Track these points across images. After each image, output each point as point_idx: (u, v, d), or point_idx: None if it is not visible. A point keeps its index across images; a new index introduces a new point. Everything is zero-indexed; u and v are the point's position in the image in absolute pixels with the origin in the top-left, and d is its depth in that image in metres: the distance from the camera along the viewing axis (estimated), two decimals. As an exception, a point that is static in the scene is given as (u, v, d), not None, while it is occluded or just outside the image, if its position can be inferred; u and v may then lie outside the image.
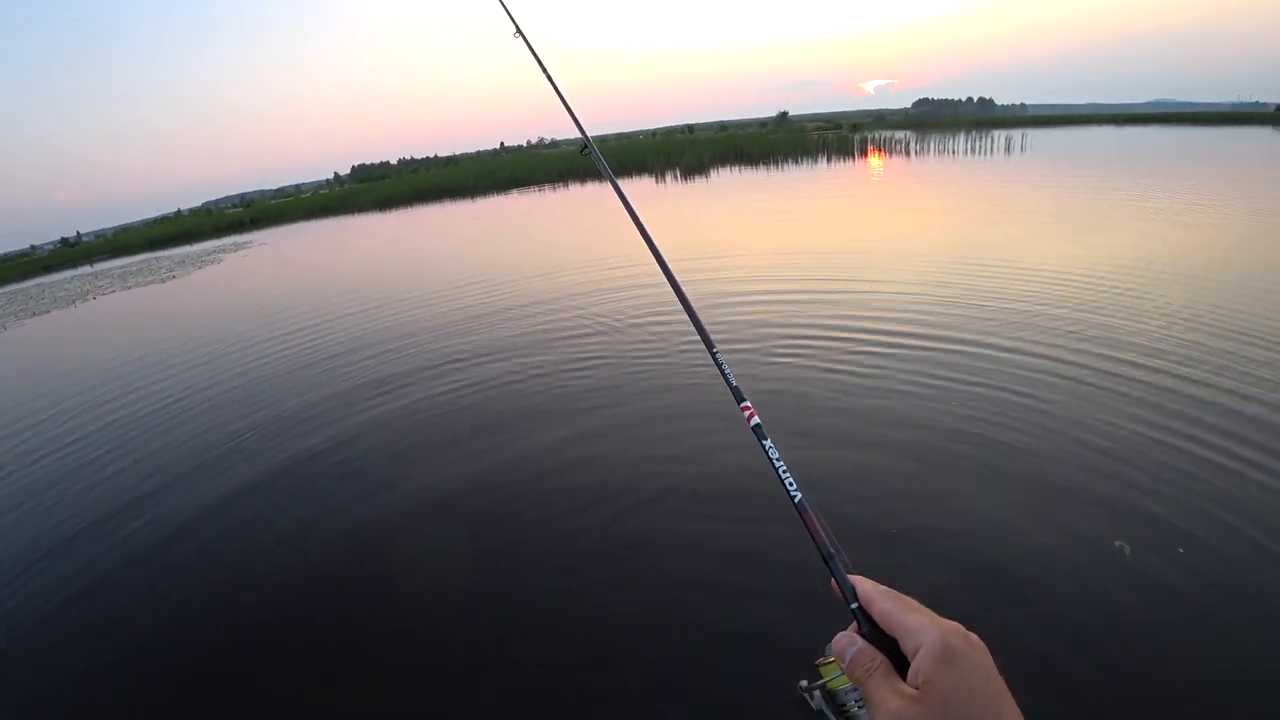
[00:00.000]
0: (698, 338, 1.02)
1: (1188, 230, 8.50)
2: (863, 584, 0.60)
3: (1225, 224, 8.74)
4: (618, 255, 10.30)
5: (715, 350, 0.98)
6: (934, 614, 0.55)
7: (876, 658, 0.55)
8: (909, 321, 5.63)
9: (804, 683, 0.62)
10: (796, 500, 0.73)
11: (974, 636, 0.53)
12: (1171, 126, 35.58)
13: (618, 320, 6.77)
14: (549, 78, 1.84)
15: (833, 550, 0.66)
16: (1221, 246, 7.56)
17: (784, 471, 0.76)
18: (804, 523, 0.70)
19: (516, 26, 1.95)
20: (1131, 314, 5.38)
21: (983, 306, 5.86)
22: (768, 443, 0.79)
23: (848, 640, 0.58)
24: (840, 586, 0.62)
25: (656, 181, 24.80)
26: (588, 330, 6.59)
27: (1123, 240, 8.13)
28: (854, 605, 0.60)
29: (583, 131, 1.69)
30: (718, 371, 0.94)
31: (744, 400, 0.88)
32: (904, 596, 0.58)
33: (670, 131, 72.32)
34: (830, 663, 0.60)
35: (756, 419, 0.83)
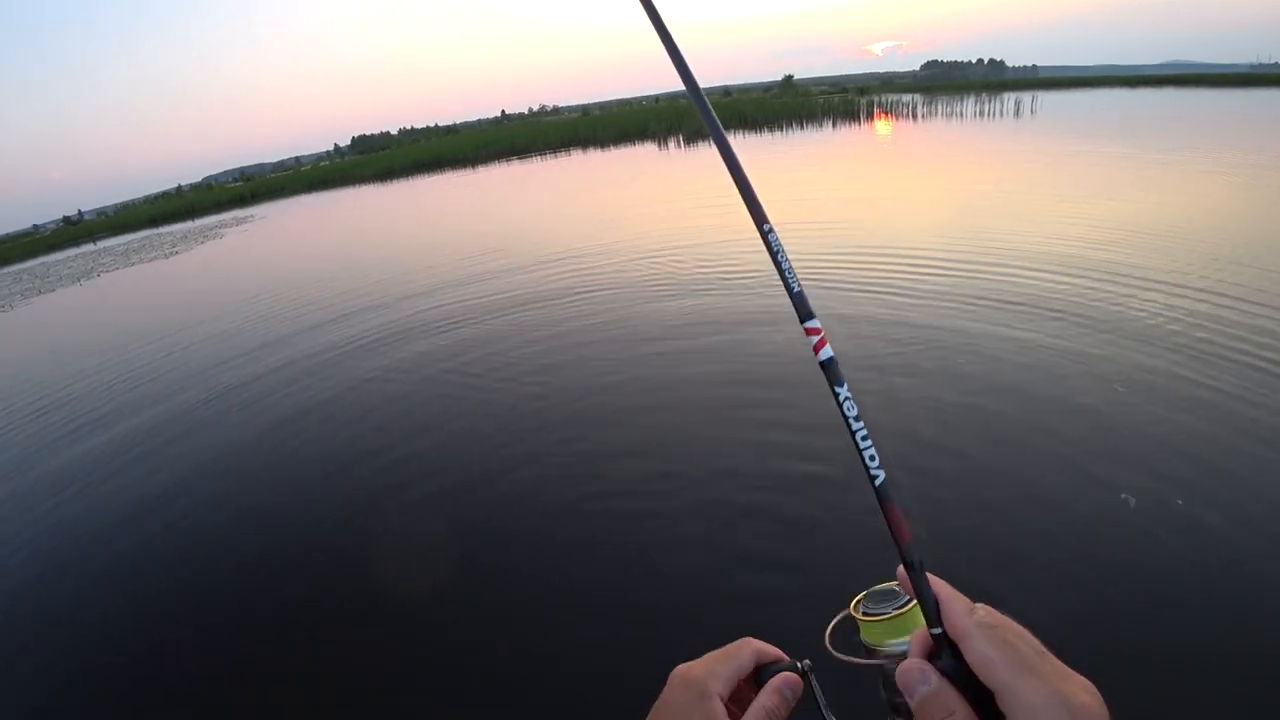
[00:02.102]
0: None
1: (1205, 191, 8.35)
2: (954, 604, 0.46)
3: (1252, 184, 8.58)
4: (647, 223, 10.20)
5: (767, 227, 0.56)
6: (1056, 672, 0.41)
7: (956, 710, 0.43)
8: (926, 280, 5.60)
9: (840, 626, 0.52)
10: (878, 483, 0.52)
11: (1106, 715, 0.39)
12: (1187, 89, 34.73)
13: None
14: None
15: (920, 557, 0.49)
16: (1250, 207, 7.43)
17: (863, 438, 0.52)
18: (885, 514, 0.51)
19: None
20: (1153, 271, 5.32)
21: (1002, 264, 5.79)
22: (842, 390, 0.53)
23: (919, 674, 0.45)
24: (923, 602, 0.47)
25: (659, 148, 24.50)
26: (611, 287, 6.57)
27: (1136, 203, 7.98)
28: (937, 630, 0.46)
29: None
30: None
31: (811, 319, 0.55)
32: (1013, 640, 0.42)
33: (674, 97, 71.15)
34: (879, 620, 0.50)
35: (828, 350, 0.54)
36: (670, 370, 4.71)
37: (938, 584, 0.48)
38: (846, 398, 0.53)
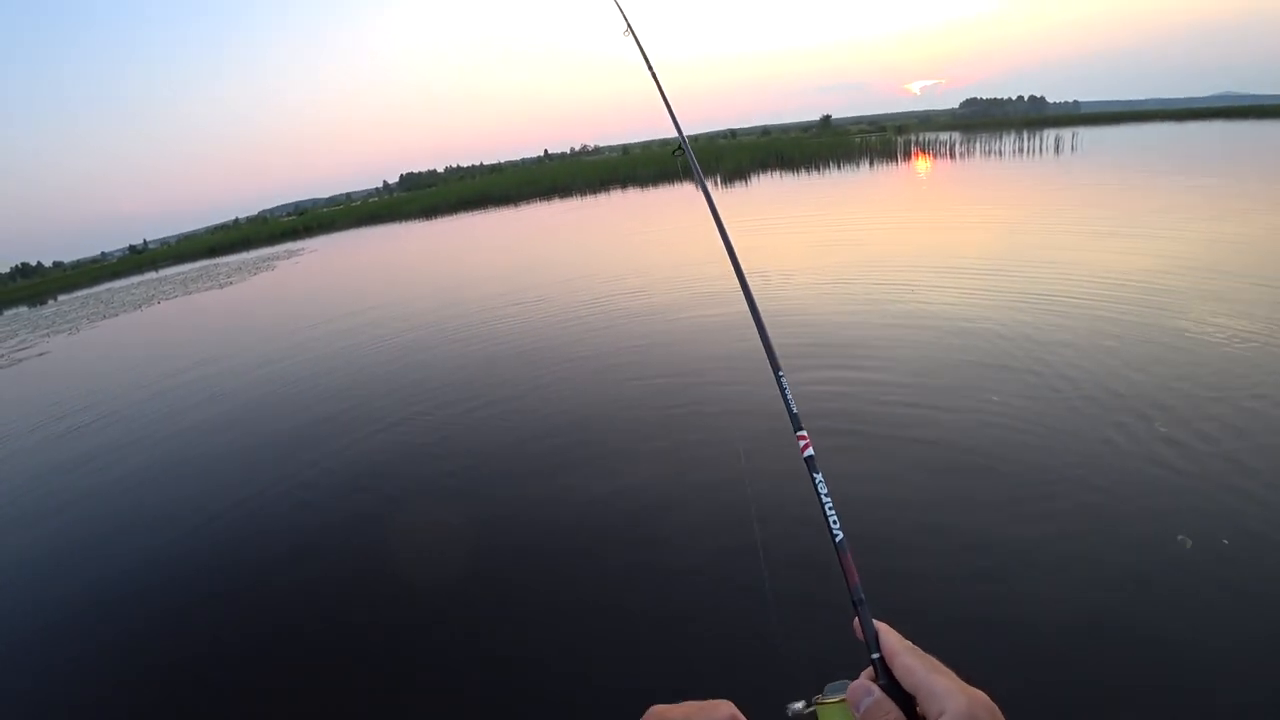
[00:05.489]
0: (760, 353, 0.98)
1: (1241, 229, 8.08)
2: (888, 634, 0.59)
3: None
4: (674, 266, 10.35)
5: (780, 373, 0.92)
6: (959, 679, 0.53)
7: (892, 712, 0.54)
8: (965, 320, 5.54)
9: (795, 706, 0.61)
10: (838, 540, 0.70)
11: (997, 709, 0.51)
12: (1237, 121, 33.86)
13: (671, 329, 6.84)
14: (653, 74, 1.82)
15: (864, 596, 0.64)
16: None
17: (830, 509, 0.72)
18: (840, 563, 0.68)
19: (628, 24, 1.92)
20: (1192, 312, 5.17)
21: (1038, 307, 5.68)
22: (818, 476, 0.76)
23: (864, 689, 0.57)
24: (865, 632, 0.60)
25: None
26: (640, 336, 6.70)
27: (1175, 242, 7.75)
28: (875, 655, 0.58)
29: (679, 131, 1.67)
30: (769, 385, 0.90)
31: (801, 429, 0.84)
32: (929, 655, 0.56)
33: (713, 137, 72.22)
34: (831, 704, 0.59)
35: (810, 450, 0.80)
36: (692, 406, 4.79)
37: (878, 623, 0.60)
38: (820, 480, 0.76)
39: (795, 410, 0.87)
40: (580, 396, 5.35)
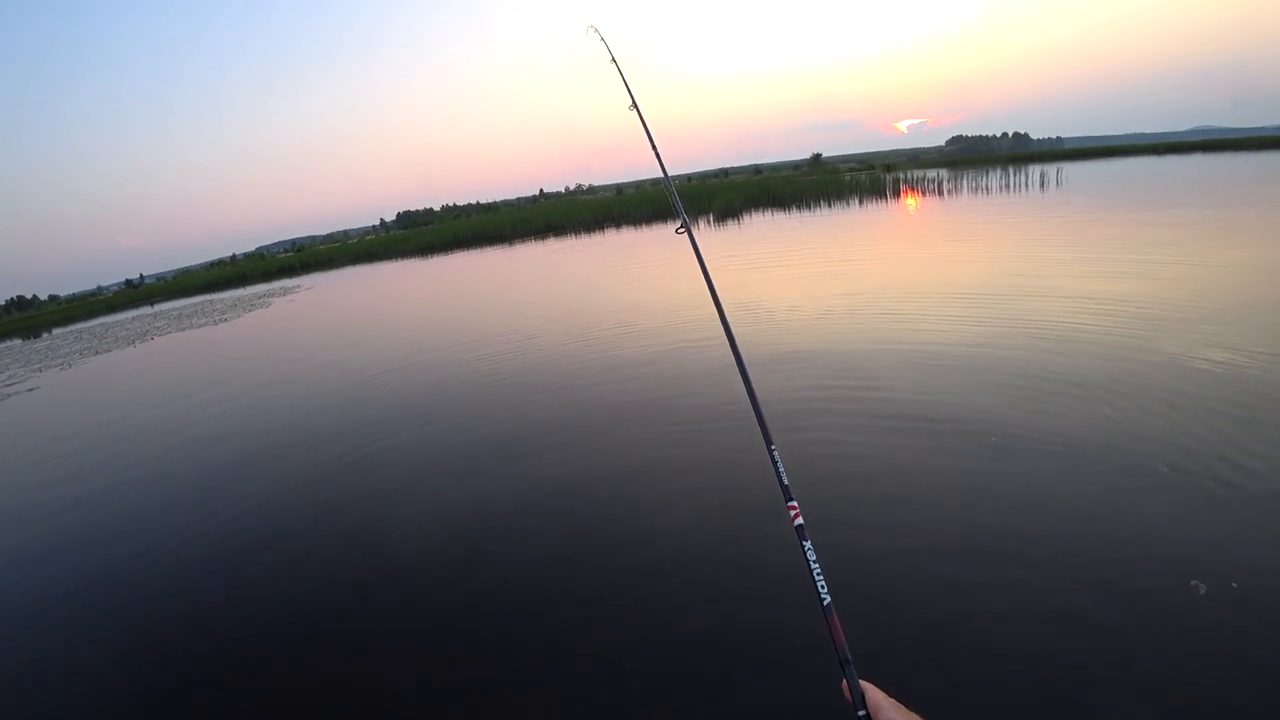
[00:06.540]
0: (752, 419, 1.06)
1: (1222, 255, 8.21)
2: (873, 693, 0.65)
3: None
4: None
5: (774, 446, 0.98)
6: None
7: None
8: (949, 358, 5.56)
9: None
10: (825, 603, 0.75)
11: None
12: (1215, 154, 34.66)
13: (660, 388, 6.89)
14: (654, 146, 1.99)
15: (850, 656, 0.69)
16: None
17: (819, 574, 0.77)
18: (827, 625, 0.73)
19: (633, 100, 2.07)
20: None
21: (1035, 342, 5.70)
22: (808, 544, 0.81)
23: None
24: (851, 691, 0.66)
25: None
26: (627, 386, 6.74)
27: (1162, 275, 7.88)
28: (861, 713, 0.64)
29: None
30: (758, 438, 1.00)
31: (792, 499, 0.88)
32: (911, 712, 0.62)
33: (705, 176, 73.25)
34: None
35: (800, 519, 0.84)
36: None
37: (864, 682, 0.65)
38: (809, 548, 0.80)
39: (786, 482, 0.92)
40: (581, 419, 5.37)
